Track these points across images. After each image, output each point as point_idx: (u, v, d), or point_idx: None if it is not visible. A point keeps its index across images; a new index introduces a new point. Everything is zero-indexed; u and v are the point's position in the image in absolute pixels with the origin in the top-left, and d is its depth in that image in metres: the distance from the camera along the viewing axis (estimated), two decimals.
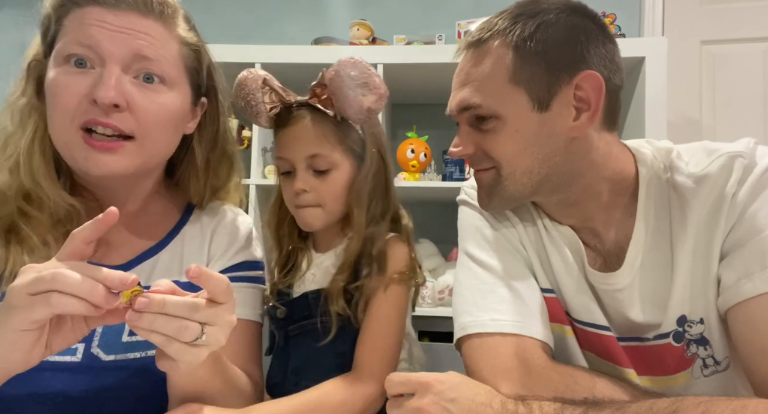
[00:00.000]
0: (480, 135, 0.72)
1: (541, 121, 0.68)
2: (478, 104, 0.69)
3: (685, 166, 0.69)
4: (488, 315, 0.70)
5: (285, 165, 0.83)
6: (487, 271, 0.75)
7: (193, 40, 0.75)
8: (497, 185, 0.72)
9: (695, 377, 0.69)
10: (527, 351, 0.66)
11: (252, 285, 0.82)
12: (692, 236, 0.66)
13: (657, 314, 0.69)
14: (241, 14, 2.47)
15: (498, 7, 0.72)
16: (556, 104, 0.68)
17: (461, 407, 0.59)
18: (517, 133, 0.69)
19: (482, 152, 0.72)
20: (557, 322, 0.75)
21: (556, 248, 0.75)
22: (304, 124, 0.80)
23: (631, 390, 0.62)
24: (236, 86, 0.82)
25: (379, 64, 1.93)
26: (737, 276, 0.62)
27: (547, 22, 0.67)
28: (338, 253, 0.84)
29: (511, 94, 0.68)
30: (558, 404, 0.57)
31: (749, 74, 2.11)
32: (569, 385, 0.62)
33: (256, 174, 2.00)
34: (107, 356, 0.67)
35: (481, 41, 0.71)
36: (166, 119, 0.70)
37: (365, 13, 2.25)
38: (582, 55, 0.67)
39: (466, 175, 1.98)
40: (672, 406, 0.52)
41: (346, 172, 0.82)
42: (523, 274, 0.75)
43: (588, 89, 0.67)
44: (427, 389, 0.61)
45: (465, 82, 0.72)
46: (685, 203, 0.67)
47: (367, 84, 0.77)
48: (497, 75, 0.68)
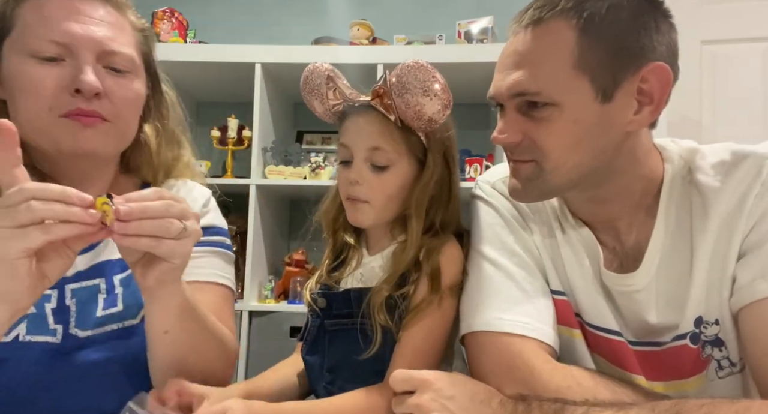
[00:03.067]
0: (530, 123, 0.66)
1: (602, 112, 0.63)
2: (535, 91, 0.63)
3: (709, 166, 0.68)
4: (494, 314, 0.69)
5: (345, 153, 0.79)
6: (498, 269, 0.73)
7: (143, 24, 0.78)
8: (537, 178, 0.67)
9: (710, 379, 0.68)
10: (531, 352, 0.66)
11: (214, 249, 0.82)
12: (713, 236, 0.65)
13: (674, 315, 0.68)
14: (241, 14, 2.47)
15: (499, 7, 0.72)
16: (619, 95, 0.63)
17: (460, 405, 0.59)
18: (574, 124, 0.64)
19: (529, 142, 0.66)
20: (566, 325, 0.74)
21: (570, 249, 0.74)
22: (371, 117, 0.77)
23: (633, 391, 0.62)
24: (302, 81, 0.80)
25: (379, 64, 1.94)
26: (752, 276, 0.62)
27: (618, 5, 0.62)
28: (386, 255, 0.81)
29: (573, 81, 0.63)
30: (559, 404, 0.57)
31: (749, 74, 2.11)
32: (571, 386, 0.62)
33: (256, 174, 2.00)
34: (84, 332, 0.69)
35: (542, 20, 0.64)
36: (137, 105, 0.75)
37: (365, 13, 2.25)
38: (651, 43, 0.62)
39: (466, 175, 1.98)
40: (674, 407, 0.52)
41: (403, 173, 0.78)
42: (533, 274, 0.74)
43: (654, 82, 0.63)
44: (428, 387, 0.61)
45: (519, 64, 0.65)
46: (708, 203, 0.66)
47: (429, 91, 0.71)
48: (559, 59, 0.63)
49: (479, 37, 2.08)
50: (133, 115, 0.75)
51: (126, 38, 0.72)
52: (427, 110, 0.72)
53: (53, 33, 0.66)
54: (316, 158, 2.06)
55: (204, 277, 0.77)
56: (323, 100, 0.79)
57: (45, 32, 0.66)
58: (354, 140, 0.77)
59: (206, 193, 0.87)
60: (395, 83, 0.72)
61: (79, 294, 0.71)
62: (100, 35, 0.68)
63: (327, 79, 0.77)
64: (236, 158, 2.17)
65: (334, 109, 0.80)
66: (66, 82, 0.66)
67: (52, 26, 0.66)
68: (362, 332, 0.76)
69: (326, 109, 0.81)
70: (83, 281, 0.71)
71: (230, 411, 0.62)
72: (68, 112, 0.67)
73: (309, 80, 0.79)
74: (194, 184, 0.88)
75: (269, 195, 2.11)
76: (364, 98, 0.78)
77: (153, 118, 0.82)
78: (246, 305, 1.91)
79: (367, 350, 0.74)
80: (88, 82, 0.66)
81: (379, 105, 0.75)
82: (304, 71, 0.79)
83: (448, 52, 2.01)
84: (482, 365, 0.68)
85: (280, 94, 2.19)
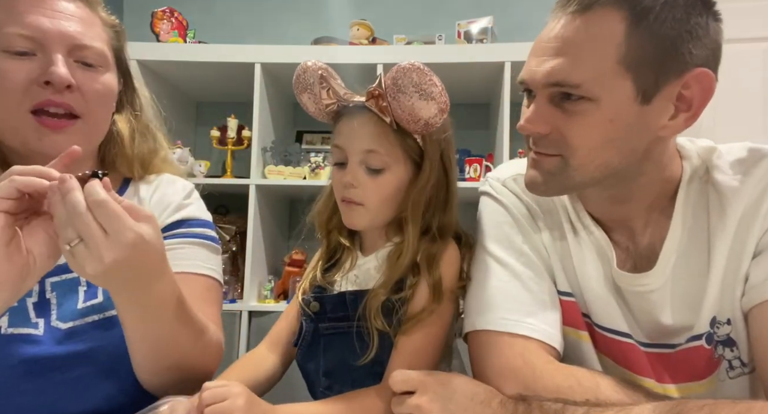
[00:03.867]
0: (561, 116, 0.62)
1: (639, 114, 0.60)
2: (575, 83, 0.59)
3: (727, 165, 0.67)
4: (499, 313, 0.69)
5: (339, 155, 0.77)
6: (504, 268, 0.73)
7: (114, 21, 0.78)
8: (560, 173, 0.65)
9: (721, 380, 0.68)
10: (533, 353, 0.66)
11: (196, 240, 0.82)
12: (730, 235, 0.64)
13: (690, 316, 0.67)
14: (241, 14, 2.47)
15: (498, 7, 0.71)
16: (659, 99, 0.60)
17: (460, 405, 0.59)
18: (610, 123, 0.60)
19: (558, 136, 0.63)
20: (573, 327, 0.73)
21: (582, 249, 0.73)
22: (365, 118, 0.75)
23: (634, 391, 0.61)
24: (294, 79, 0.79)
25: (379, 64, 1.94)
26: (765, 275, 0.61)
27: (672, 2, 0.58)
28: (381, 256, 0.80)
29: (615, 78, 0.59)
30: (559, 405, 0.57)
31: (749, 74, 2.11)
32: (572, 386, 0.61)
33: (256, 174, 2.00)
34: (66, 324, 0.69)
35: (591, 7, 0.59)
36: (108, 99, 0.76)
37: (365, 13, 2.25)
38: (699, 47, 0.59)
39: (465, 175, 1.98)
40: (675, 408, 0.51)
41: (399, 176, 0.76)
42: (540, 275, 0.73)
43: (696, 89, 0.60)
44: (428, 387, 0.61)
45: (560, 51, 0.61)
46: (726, 202, 0.65)
47: (425, 93, 0.69)
48: (605, 51, 0.59)
49: (479, 37, 2.08)
50: (105, 109, 0.75)
51: (96, 33, 0.73)
52: (423, 114, 0.70)
53: (23, 28, 0.67)
54: (316, 158, 2.06)
55: (186, 268, 0.77)
56: (316, 100, 0.78)
57: (15, 28, 0.67)
58: (348, 142, 0.76)
59: (188, 186, 0.88)
60: (390, 85, 0.70)
61: (60, 287, 0.71)
62: (70, 30, 0.69)
63: (320, 78, 0.75)
64: (236, 158, 2.17)
65: (327, 109, 0.78)
66: (36, 74, 0.67)
67: (22, 21, 0.67)
68: (358, 336, 0.75)
69: (319, 109, 0.79)
70: (63, 274, 0.72)
71: (232, 388, 0.61)
72: (38, 104, 0.67)
73: (301, 79, 0.78)
74: (176, 178, 0.88)
75: (269, 195, 2.11)
76: (358, 99, 0.76)
77: (126, 112, 0.83)
78: (246, 305, 1.91)
79: (364, 354, 0.73)
80: (58, 74, 0.66)
81: (374, 106, 0.73)
82: (297, 69, 0.78)
83: (448, 52, 2.00)
84: (484, 364, 0.68)
85: (280, 94, 2.19)
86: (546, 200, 0.76)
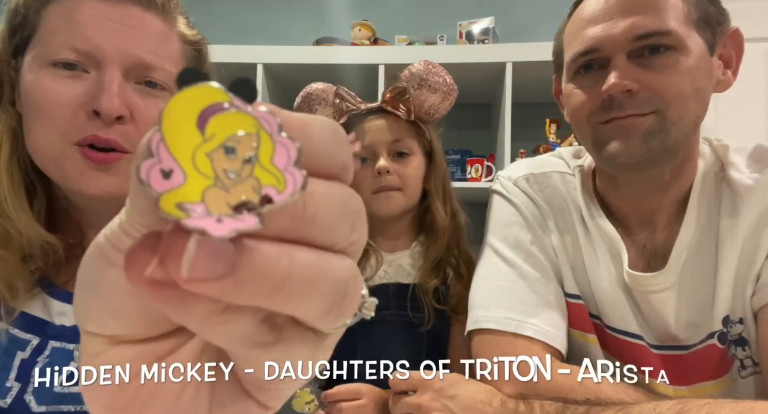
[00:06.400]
0: (647, 71, 0.62)
1: (710, 65, 0.65)
2: (668, 30, 0.61)
3: (743, 163, 0.68)
4: (503, 313, 0.69)
5: (365, 153, 0.87)
6: (511, 268, 0.73)
7: (195, 38, 0.69)
8: (660, 131, 0.63)
9: (733, 380, 0.67)
10: (535, 354, 0.66)
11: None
12: (743, 233, 0.64)
13: (702, 314, 0.67)
14: (242, 15, 2.47)
15: (499, 7, 0.72)
16: (715, 54, 0.66)
17: (461, 404, 0.60)
18: (698, 71, 0.63)
19: (649, 92, 0.62)
20: (580, 330, 0.73)
21: (593, 251, 0.73)
22: (384, 117, 0.87)
23: (635, 391, 0.62)
24: (295, 107, 0.90)
25: (381, 64, 1.94)
26: None
27: None
28: (414, 253, 0.88)
29: (689, 31, 0.64)
30: (560, 404, 0.57)
31: (749, 74, 2.10)
32: (572, 386, 0.61)
33: None
34: (38, 407, 0.58)
35: None
36: None
37: (367, 14, 2.25)
38: (726, 11, 0.66)
39: (467, 176, 1.98)
40: (676, 407, 0.52)
41: (420, 162, 0.87)
42: (547, 277, 0.73)
43: (730, 48, 0.66)
44: (428, 387, 0.61)
45: (637, 8, 0.62)
46: (740, 200, 0.65)
47: (427, 82, 0.82)
48: (675, 8, 0.63)
49: (480, 37, 2.08)
50: None
51: (170, 52, 0.61)
52: (426, 100, 0.83)
53: (76, 39, 0.55)
54: None
55: None
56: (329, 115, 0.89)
57: (68, 38, 0.56)
58: (376, 138, 0.86)
59: None
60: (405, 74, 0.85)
61: (55, 355, 0.60)
62: (133, 45, 0.57)
63: (322, 101, 0.87)
64: None
65: (340, 121, 0.88)
66: (83, 100, 0.55)
67: (77, 32, 0.56)
68: (405, 321, 0.82)
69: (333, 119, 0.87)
70: (65, 342, 0.60)
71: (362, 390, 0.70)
72: (83, 139, 0.56)
73: (304, 105, 0.89)
74: None
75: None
76: (372, 105, 0.88)
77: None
78: None
79: (402, 342, 0.81)
80: (107, 105, 0.54)
81: (389, 106, 0.85)
82: (300, 95, 0.90)
83: (450, 53, 2.00)
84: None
85: (282, 94, 2.19)
86: (558, 200, 0.76)
